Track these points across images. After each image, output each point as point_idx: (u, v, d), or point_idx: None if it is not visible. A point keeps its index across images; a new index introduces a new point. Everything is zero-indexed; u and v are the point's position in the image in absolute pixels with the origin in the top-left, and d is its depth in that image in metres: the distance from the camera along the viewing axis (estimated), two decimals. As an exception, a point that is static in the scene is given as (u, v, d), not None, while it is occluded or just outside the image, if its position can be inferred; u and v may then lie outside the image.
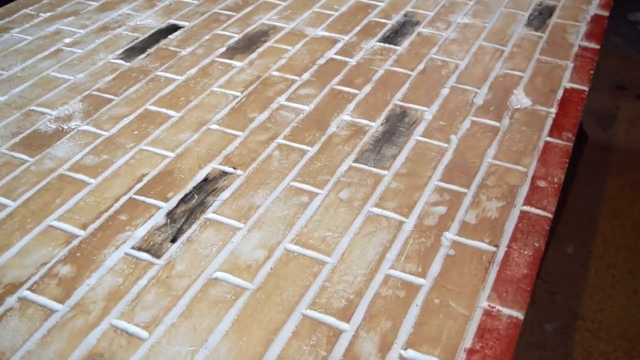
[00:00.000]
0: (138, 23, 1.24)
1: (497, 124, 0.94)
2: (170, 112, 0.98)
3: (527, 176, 0.85)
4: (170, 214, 0.79)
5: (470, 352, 0.63)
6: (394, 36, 1.18)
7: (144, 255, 0.74)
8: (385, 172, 0.86)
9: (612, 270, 1.69)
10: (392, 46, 1.15)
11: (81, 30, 1.22)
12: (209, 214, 0.79)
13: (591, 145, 2.01)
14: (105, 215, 0.79)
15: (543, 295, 1.63)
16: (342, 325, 0.66)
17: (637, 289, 1.61)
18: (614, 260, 1.71)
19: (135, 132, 0.94)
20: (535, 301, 1.61)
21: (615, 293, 1.62)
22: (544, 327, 1.56)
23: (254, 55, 1.13)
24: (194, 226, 0.77)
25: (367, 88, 1.03)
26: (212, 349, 0.63)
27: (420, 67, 1.09)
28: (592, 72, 1.08)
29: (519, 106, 0.98)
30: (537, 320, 1.57)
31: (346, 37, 1.18)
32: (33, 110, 0.99)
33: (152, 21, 1.25)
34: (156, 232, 0.77)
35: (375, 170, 0.86)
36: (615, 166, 2.02)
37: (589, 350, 1.50)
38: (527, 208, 0.80)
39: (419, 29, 1.21)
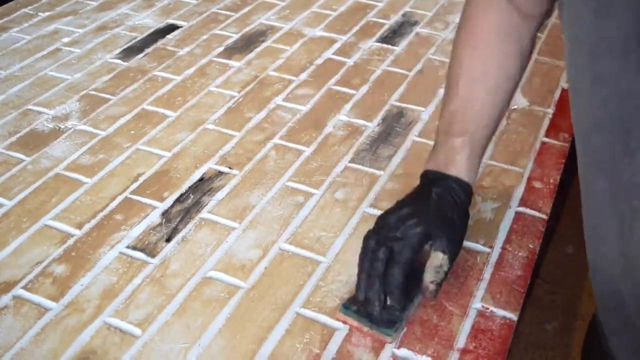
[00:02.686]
0: (136, 23, 1.25)
1: (493, 124, 0.94)
2: (167, 112, 0.98)
3: (523, 177, 0.85)
4: (165, 214, 0.80)
5: (464, 352, 0.63)
6: (392, 36, 1.18)
7: (139, 255, 0.74)
8: (381, 172, 0.86)
9: (611, 270, 1.69)
10: (390, 46, 1.15)
11: (79, 30, 1.22)
12: (204, 214, 0.79)
13: (591, 146, 2.01)
14: (101, 214, 0.80)
15: (543, 295, 1.63)
16: (336, 324, 0.66)
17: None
18: (613, 261, 1.71)
19: (132, 132, 0.94)
20: (535, 301, 1.61)
21: (615, 294, 1.62)
22: (544, 327, 1.55)
23: (251, 55, 1.13)
24: (189, 226, 0.78)
25: (364, 88, 1.03)
26: (205, 347, 0.63)
27: (418, 67, 1.09)
28: (589, 72, 1.07)
29: (515, 106, 0.98)
30: (537, 320, 1.57)
31: (344, 37, 1.18)
32: (30, 109, 1.00)
33: (150, 21, 1.25)
34: (151, 231, 0.77)
35: (371, 170, 0.86)
36: (615, 167, 2.01)
37: (588, 351, 1.50)
38: (522, 209, 0.80)
39: (418, 29, 1.21)
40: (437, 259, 0.63)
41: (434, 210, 0.64)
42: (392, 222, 0.64)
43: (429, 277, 0.62)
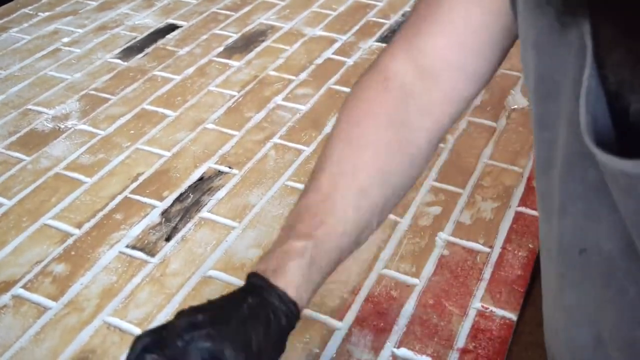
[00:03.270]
0: (136, 22, 1.25)
1: (493, 124, 0.94)
2: (167, 112, 0.98)
3: (522, 177, 0.85)
4: (165, 213, 0.79)
5: (463, 352, 0.63)
6: (392, 36, 1.18)
7: (139, 254, 0.74)
8: (381, 171, 0.86)
9: (611, 271, 1.68)
10: (389, 46, 1.15)
11: (79, 30, 1.22)
12: (204, 213, 0.79)
13: (591, 146, 2.00)
14: (101, 214, 0.79)
15: (543, 296, 1.62)
16: (336, 323, 0.66)
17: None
18: (613, 262, 1.71)
19: (132, 132, 0.94)
20: (536, 301, 1.60)
21: (615, 294, 1.62)
22: (544, 327, 1.55)
23: (251, 55, 1.13)
24: (189, 225, 0.78)
25: (364, 88, 1.03)
26: (205, 348, 0.63)
27: (418, 67, 1.09)
28: (589, 72, 1.07)
29: (516, 106, 0.98)
30: (537, 320, 1.56)
31: (344, 37, 1.18)
32: (30, 109, 1.00)
33: (150, 21, 1.25)
34: (151, 230, 0.77)
35: (370, 169, 0.86)
36: (615, 167, 2.01)
37: (588, 352, 1.49)
38: (522, 209, 0.80)
39: (417, 29, 1.21)
40: None
41: (238, 327, 0.45)
42: (179, 327, 0.45)
43: None
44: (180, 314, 0.47)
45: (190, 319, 0.46)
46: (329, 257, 0.50)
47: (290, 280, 0.48)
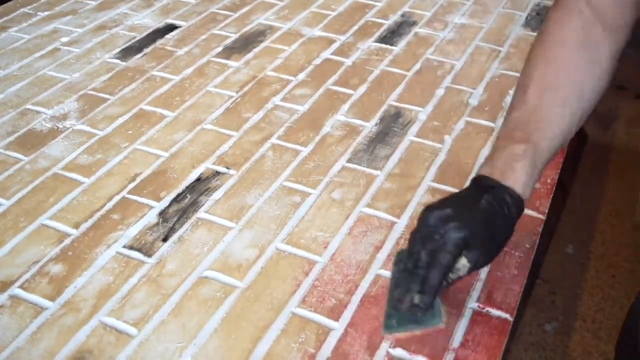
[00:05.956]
0: (135, 22, 1.25)
1: (491, 124, 0.94)
2: (165, 112, 0.98)
3: (520, 176, 0.84)
4: (162, 213, 0.80)
5: (459, 351, 0.63)
6: (390, 36, 1.18)
7: (135, 254, 0.74)
8: (378, 172, 0.86)
9: (612, 270, 1.69)
10: (388, 46, 1.15)
11: (78, 30, 1.22)
12: (201, 214, 0.79)
13: (591, 145, 2.01)
14: (98, 214, 0.80)
15: (543, 295, 1.63)
16: (331, 323, 0.66)
17: (637, 289, 1.61)
18: (614, 260, 1.71)
19: (130, 132, 0.94)
20: (535, 301, 1.61)
21: (615, 293, 1.62)
22: (544, 327, 1.55)
23: (250, 55, 1.13)
24: (186, 225, 0.78)
25: (362, 88, 1.03)
26: (201, 346, 0.63)
27: (416, 67, 1.09)
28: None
29: (513, 106, 0.98)
30: (537, 320, 1.57)
31: (343, 37, 1.18)
32: (29, 109, 1.00)
33: (149, 21, 1.25)
34: (148, 231, 0.77)
35: (368, 170, 0.86)
36: (615, 166, 2.02)
37: (589, 351, 1.50)
38: (519, 208, 0.79)
39: (416, 29, 1.21)
40: (459, 263, 0.61)
41: (481, 219, 0.60)
42: (431, 222, 0.60)
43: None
44: (428, 212, 0.61)
45: (442, 214, 0.60)
46: (543, 158, 0.63)
47: (516, 179, 0.61)
